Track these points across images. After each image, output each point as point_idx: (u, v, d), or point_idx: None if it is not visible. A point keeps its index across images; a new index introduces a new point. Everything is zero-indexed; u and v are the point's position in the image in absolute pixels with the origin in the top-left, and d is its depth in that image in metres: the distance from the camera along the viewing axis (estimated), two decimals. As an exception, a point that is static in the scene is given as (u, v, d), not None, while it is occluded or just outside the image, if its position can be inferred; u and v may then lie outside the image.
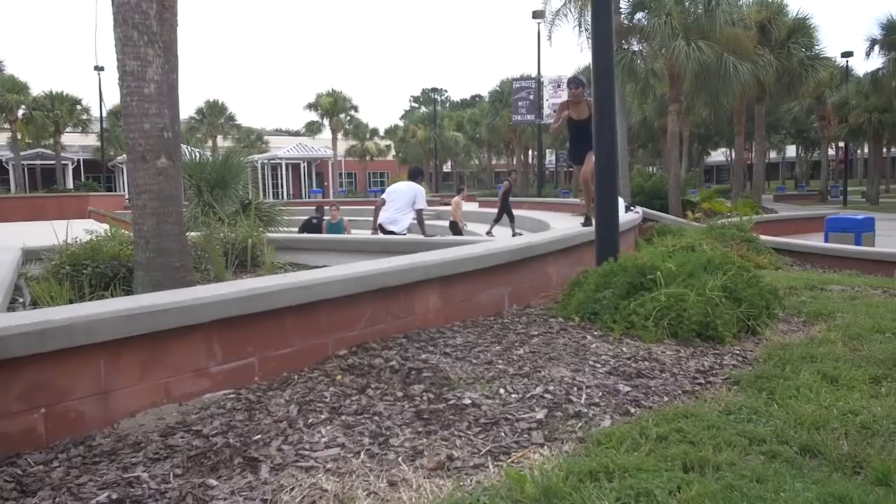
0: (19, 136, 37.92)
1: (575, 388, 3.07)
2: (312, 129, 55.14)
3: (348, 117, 52.99)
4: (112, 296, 4.25)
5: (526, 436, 2.55)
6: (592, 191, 7.02)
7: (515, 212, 16.43)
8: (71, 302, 4.02)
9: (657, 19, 21.43)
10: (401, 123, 63.92)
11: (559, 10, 23.37)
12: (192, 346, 2.97)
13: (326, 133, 53.84)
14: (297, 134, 64.81)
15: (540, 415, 2.74)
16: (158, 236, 4.18)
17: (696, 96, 25.96)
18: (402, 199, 8.75)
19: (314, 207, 15.21)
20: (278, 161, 49.02)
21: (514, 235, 12.26)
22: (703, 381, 3.28)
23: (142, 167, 4.19)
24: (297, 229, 13.20)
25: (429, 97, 75.69)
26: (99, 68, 37.67)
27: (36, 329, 2.44)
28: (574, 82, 7.08)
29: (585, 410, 2.81)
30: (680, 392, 3.11)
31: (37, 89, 38.55)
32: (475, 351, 3.69)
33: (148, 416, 2.77)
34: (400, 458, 2.37)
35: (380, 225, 8.70)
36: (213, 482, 2.20)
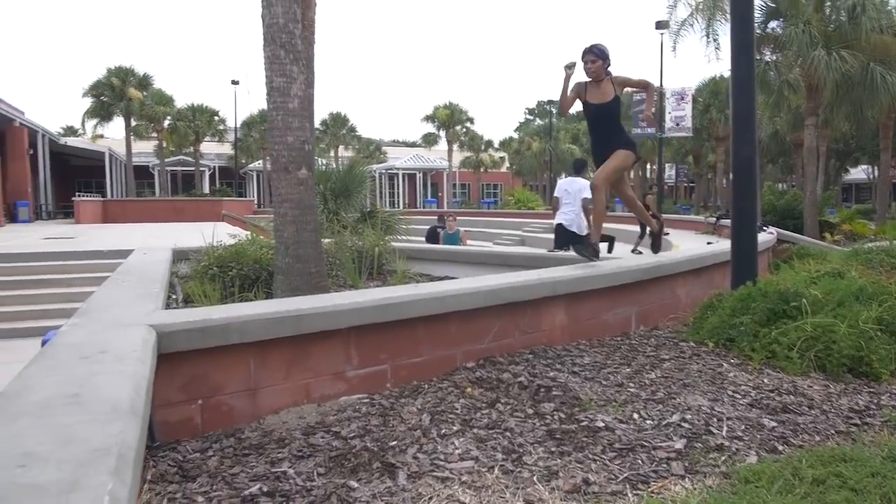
0: (164, 145, 41.25)
1: (714, 419, 2.92)
2: (429, 140, 56.40)
3: (464, 129, 53.67)
4: (254, 297, 4.51)
5: (665, 465, 2.46)
6: (601, 206, 5.34)
7: (635, 228, 15.97)
8: (222, 301, 4.30)
9: (794, 28, 20.15)
10: (515, 135, 63.98)
11: (685, 20, 22.56)
12: (331, 351, 3.10)
13: (442, 144, 54.92)
14: (413, 145, 66.53)
15: (678, 444, 2.63)
16: (297, 243, 4.40)
17: (836, 109, 24.08)
18: (577, 197, 8.65)
19: (436, 217, 15.51)
20: (395, 171, 50.57)
21: (633, 251, 11.90)
22: (858, 422, 3.03)
23: (284, 178, 4.44)
24: (414, 237, 13.49)
25: (544, 109, 75.34)
26: (235, 82, 40.47)
27: (197, 327, 2.64)
28: (593, 52, 5.07)
29: (727, 444, 2.67)
30: (833, 432, 2.89)
31: (180, 102, 41.80)
32: (604, 372, 3.60)
33: (290, 414, 2.91)
34: (535, 478, 2.35)
35: (559, 225, 8.69)
36: (354, 484, 2.28)
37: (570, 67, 5.23)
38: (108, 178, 37.15)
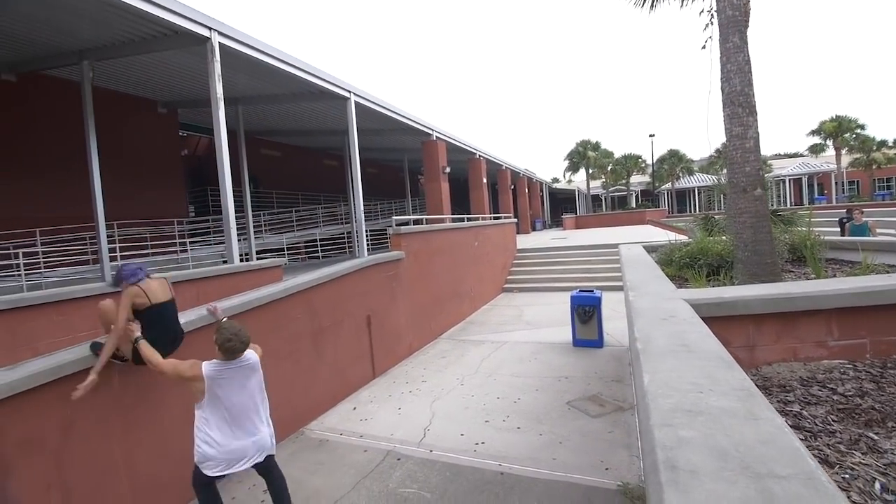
0: (607, 181, 41.34)
1: None
2: (815, 150, 41.62)
3: (853, 135, 37.69)
4: (722, 280, 3.96)
5: None
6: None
7: None
8: (710, 283, 3.87)
9: None
10: (918, 132, 41.74)
11: None
12: (814, 324, 2.46)
13: (829, 151, 39.78)
14: (794, 155, 50.21)
15: None
16: (754, 241, 3.70)
17: None
18: None
19: (844, 210, 11.40)
20: (781, 178, 39.10)
21: None
22: None
23: (742, 196, 3.78)
24: (817, 228, 10.07)
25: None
26: (651, 135, 37.68)
27: (714, 301, 2.42)
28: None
29: None
30: None
31: (618, 153, 41.11)
32: None
33: (781, 367, 2.42)
34: None
35: None
36: (874, 436, 1.72)
37: None
38: (577, 203, 39.31)
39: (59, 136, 9.95)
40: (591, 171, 39.54)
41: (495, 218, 13.95)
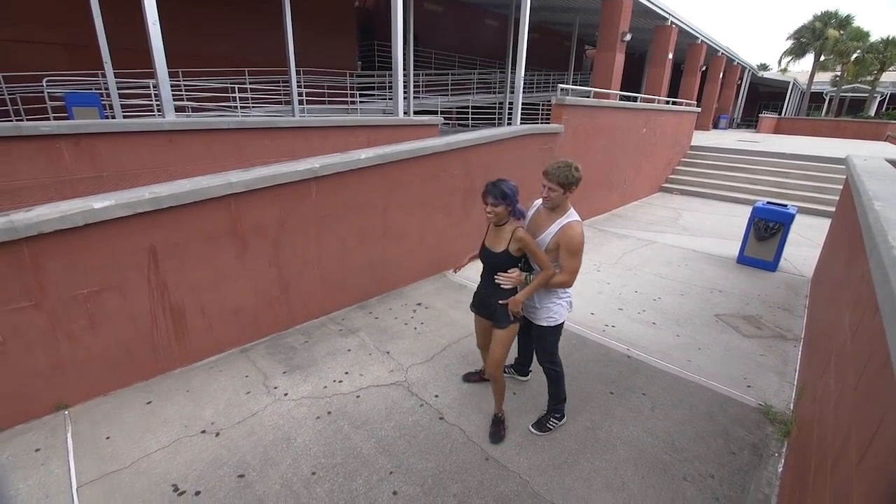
0: (843, 75, 30.77)
1: None
2: None
3: None
4: None
5: None
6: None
7: None
8: None
9: None
10: None
11: None
12: None
13: None
14: None
15: None
16: None
17: None
18: None
19: None
20: None
21: None
22: None
23: None
24: None
25: None
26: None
27: None
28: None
29: None
30: None
31: (875, 35, 29.59)
32: None
33: None
34: None
35: None
36: None
37: None
38: (787, 101, 30.83)
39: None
40: (824, 57, 29.64)
41: (673, 103, 11.81)
